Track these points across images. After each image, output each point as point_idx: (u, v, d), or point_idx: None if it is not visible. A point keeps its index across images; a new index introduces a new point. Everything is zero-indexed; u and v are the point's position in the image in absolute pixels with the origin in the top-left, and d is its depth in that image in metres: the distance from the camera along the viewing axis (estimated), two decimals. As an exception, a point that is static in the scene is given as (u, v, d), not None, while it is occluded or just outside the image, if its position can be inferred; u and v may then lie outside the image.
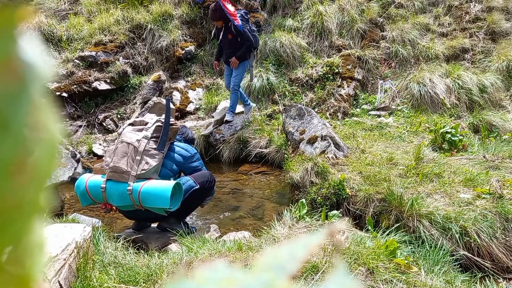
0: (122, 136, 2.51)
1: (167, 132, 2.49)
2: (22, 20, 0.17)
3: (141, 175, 2.38)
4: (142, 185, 2.34)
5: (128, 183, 2.36)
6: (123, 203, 2.41)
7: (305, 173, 3.04)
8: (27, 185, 0.17)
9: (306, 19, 6.51)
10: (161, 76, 6.10)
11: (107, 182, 2.41)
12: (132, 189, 2.34)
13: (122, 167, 2.38)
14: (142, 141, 2.43)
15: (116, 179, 2.40)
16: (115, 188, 2.39)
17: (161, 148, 2.45)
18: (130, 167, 2.38)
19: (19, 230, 0.18)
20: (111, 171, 2.40)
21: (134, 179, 2.37)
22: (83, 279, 1.67)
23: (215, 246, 2.11)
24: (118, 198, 2.39)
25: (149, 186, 2.33)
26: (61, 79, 5.94)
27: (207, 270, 0.20)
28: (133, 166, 2.38)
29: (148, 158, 2.41)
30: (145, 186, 2.33)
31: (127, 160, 2.39)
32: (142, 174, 2.39)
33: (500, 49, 5.58)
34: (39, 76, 0.17)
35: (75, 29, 6.67)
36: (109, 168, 2.41)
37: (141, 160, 2.39)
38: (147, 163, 2.40)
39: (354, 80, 5.64)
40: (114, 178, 2.40)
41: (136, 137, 2.45)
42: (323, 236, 0.20)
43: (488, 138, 4.05)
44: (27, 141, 0.17)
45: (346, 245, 1.97)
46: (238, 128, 4.96)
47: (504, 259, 2.14)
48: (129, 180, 2.37)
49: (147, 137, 2.45)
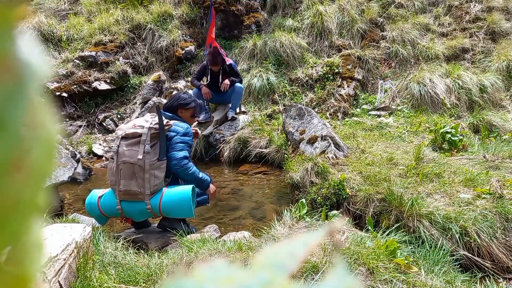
0: (120, 155, 2.39)
1: (164, 138, 2.43)
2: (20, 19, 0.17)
3: (154, 190, 2.40)
4: (160, 200, 2.38)
5: (145, 202, 2.39)
6: (144, 217, 2.51)
7: (305, 173, 3.04)
8: (25, 185, 0.17)
9: (306, 19, 6.51)
10: (161, 76, 6.10)
11: (121, 202, 2.42)
12: (151, 207, 2.40)
13: (135, 189, 2.37)
14: (146, 158, 2.36)
15: (130, 199, 2.42)
16: (132, 208, 2.43)
17: (163, 156, 2.41)
18: (142, 187, 2.37)
19: (17, 229, 0.18)
20: (123, 194, 2.40)
21: (149, 197, 2.39)
22: (83, 279, 1.67)
23: (215, 246, 2.11)
24: (139, 215, 2.46)
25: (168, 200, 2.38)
26: (61, 79, 5.94)
27: (207, 269, 0.20)
28: (145, 185, 2.37)
29: (155, 171, 2.39)
30: (164, 200, 2.38)
31: (137, 181, 2.37)
32: (156, 189, 2.41)
33: (500, 49, 5.58)
34: (37, 75, 0.17)
35: (75, 29, 6.68)
36: (120, 191, 2.40)
37: (150, 176, 2.37)
38: (156, 177, 2.39)
39: (354, 80, 5.65)
40: (128, 199, 2.42)
41: (136, 155, 2.36)
42: (323, 234, 0.20)
43: (488, 138, 4.05)
44: (25, 140, 0.17)
45: (346, 245, 1.97)
46: (238, 128, 4.97)
47: (504, 259, 2.14)
48: (145, 199, 2.39)
49: (148, 151, 2.37)
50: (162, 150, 2.41)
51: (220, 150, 4.85)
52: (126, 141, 2.42)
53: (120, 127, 2.54)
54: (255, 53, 6.14)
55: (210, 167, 4.63)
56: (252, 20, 6.68)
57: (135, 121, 2.54)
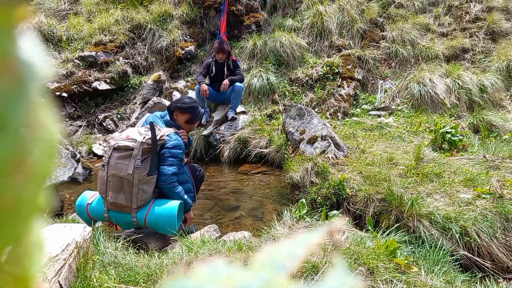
0: (110, 167, 2.37)
1: (156, 154, 2.39)
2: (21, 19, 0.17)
3: (141, 205, 2.41)
4: (146, 215, 2.40)
5: (132, 215, 2.41)
6: (130, 227, 2.55)
7: (305, 173, 3.04)
8: (26, 185, 0.17)
9: (306, 19, 6.51)
10: (161, 76, 6.10)
11: (108, 211, 2.44)
12: (137, 220, 2.42)
13: (122, 203, 2.38)
14: (135, 173, 2.33)
15: (117, 210, 2.43)
16: (119, 217, 2.45)
17: (153, 171, 2.39)
18: (130, 200, 2.37)
19: (18, 230, 0.18)
20: (111, 205, 2.42)
21: (136, 210, 2.40)
22: (83, 279, 1.67)
23: (215, 246, 2.11)
24: (125, 225, 2.50)
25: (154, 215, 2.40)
26: (61, 79, 5.94)
27: (206, 269, 0.20)
28: (133, 199, 2.36)
29: (144, 186, 2.37)
30: (150, 215, 2.40)
31: (125, 194, 2.36)
32: (143, 203, 2.41)
33: (500, 49, 5.58)
34: (38, 75, 0.17)
35: (75, 29, 6.67)
36: (108, 202, 2.41)
37: (138, 191, 2.35)
38: (144, 191, 2.37)
39: (354, 80, 5.65)
40: (115, 210, 2.43)
41: (126, 169, 2.33)
42: (323, 234, 0.20)
43: (488, 138, 4.05)
44: (25, 140, 0.17)
45: (346, 245, 1.97)
46: (238, 128, 4.97)
47: (504, 259, 2.14)
48: (132, 212, 2.40)
49: (139, 167, 2.33)
50: (153, 165, 2.37)
51: (220, 150, 4.85)
52: (117, 153, 2.37)
53: (114, 136, 2.52)
54: (255, 53, 6.14)
55: (210, 167, 4.63)
56: (252, 20, 6.67)
57: (129, 132, 2.48)
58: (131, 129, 2.52)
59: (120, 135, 2.49)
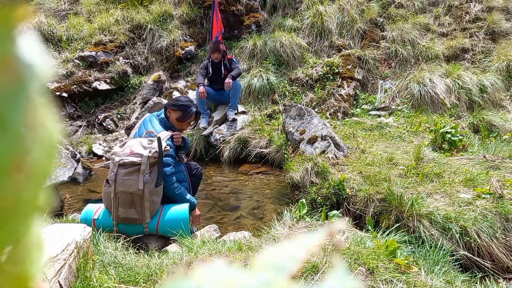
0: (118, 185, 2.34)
1: (162, 165, 2.41)
2: (21, 19, 0.17)
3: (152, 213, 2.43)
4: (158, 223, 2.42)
5: (143, 226, 2.42)
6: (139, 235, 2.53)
7: (305, 173, 3.04)
8: (26, 185, 0.17)
9: (306, 19, 6.51)
10: (161, 76, 6.10)
11: (118, 224, 2.44)
12: (149, 229, 2.44)
13: (133, 217, 2.39)
14: (145, 188, 2.34)
15: (129, 223, 2.43)
16: (130, 229, 2.44)
17: (160, 182, 2.41)
18: (141, 213, 2.38)
19: (18, 230, 0.18)
20: (122, 220, 2.41)
21: (148, 220, 2.41)
22: (83, 279, 1.67)
23: (215, 246, 2.11)
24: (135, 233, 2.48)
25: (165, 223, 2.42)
26: (61, 79, 5.94)
27: (207, 270, 0.20)
28: (145, 213, 2.38)
29: (153, 197, 2.40)
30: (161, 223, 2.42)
31: (136, 209, 2.38)
32: (154, 213, 2.43)
33: (500, 49, 5.58)
34: (38, 75, 0.17)
35: (75, 29, 6.67)
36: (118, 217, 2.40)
37: (149, 204, 2.38)
38: (154, 203, 2.41)
39: (354, 80, 5.65)
40: (126, 223, 2.44)
41: (136, 185, 2.33)
42: (323, 235, 0.20)
43: (488, 138, 4.05)
44: (25, 140, 0.17)
45: (346, 245, 1.97)
46: (238, 128, 4.97)
47: (504, 259, 2.14)
48: (143, 223, 2.41)
49: (148, 181, 2.35)
50: (160, 175, 2.40)
51: (220, 150, 4.85)
52: (124, 169, 2.35)
53: (116, 152, 2.44)
54: (255, 53, 6.14)
55: (210, 167, 4.63)
56: (252, 20, 6.67)
57: (131, 145, 2.45)
58: (133, 142, 2.48)
59: (122, 150, 2.44)
